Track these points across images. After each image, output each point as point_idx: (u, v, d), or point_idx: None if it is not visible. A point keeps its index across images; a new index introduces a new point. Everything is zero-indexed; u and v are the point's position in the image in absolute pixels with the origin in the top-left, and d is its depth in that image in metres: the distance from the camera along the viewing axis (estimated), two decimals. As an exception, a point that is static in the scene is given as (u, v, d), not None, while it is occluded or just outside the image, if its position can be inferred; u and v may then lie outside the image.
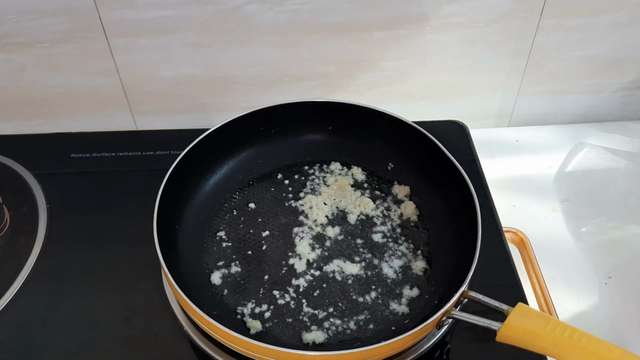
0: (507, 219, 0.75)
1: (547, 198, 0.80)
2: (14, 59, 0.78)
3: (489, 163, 0.81)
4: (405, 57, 0.82)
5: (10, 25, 0.74)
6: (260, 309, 0.61)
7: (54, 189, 0.74)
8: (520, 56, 0.84)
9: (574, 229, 0.76)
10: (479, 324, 0.53)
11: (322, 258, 0.65)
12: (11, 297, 0.63)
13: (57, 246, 0.68)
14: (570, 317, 0.66)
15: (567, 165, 0.84)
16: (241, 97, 0.85)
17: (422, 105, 0.89)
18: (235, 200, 0.71)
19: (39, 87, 0.82)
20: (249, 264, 0.65)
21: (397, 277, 0.64)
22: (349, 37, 0.79)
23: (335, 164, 0.75)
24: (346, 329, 0.59)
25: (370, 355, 0.53)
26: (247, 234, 0.68)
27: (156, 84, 0.83)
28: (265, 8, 0.75)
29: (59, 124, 0.86)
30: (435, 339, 0.59)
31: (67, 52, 0.78)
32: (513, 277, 0.65)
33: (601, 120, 0.92)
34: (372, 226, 0.69)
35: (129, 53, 0.79)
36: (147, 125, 0.88)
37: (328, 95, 0.86)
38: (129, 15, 0.74)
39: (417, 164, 0.72)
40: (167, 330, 0.61)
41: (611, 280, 0.70)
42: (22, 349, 0.59)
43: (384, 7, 0.76)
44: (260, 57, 0.81)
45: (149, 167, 0.77)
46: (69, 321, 0.61)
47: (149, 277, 0.64)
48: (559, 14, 0.79)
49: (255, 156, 0.75)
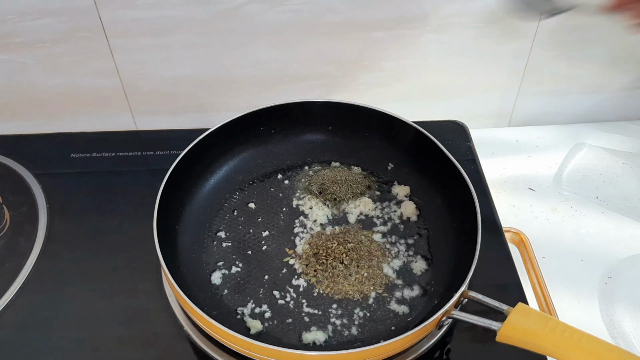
0: (507, 219, 0.75)
1: (547, 198, 0.80)
2: (14, 59, 0.78)
3: (489, 163, 0.81)
4: (405, 57, 0.82)
5: (10, 25, 0.74)
6: (260, 309, 0.61)
7: (54, 189, 0.74)
8: (520, 56, 0.84)
9: (574, 229, 0.76)
10: (479, 324, 0.53)
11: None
12: (11, 297, 0.63)
13: (57, 246, 0.68)
14: (570, 317, 0.66)
15: (567, 165, 0.84)
16: (241, 97, 0.85)
17: (422, 105, 0.89)
18: (236, 200, 0.71)
19: (39, 87, 0.82)
20: (249, 264, 0.65)
21: (397, 277, 0.64)
22: (349, 37, 0.79)
23: (335, 164, 0.75)
24: (346, 329, 0.59)
25: (370, 355, 0.53)
26: (247, 233, 0.68)
27: (156, 84, 0.83)
28: (265, 8, 0.75)
29: (59, 124, 0.86)
30: (435, 339, 0.59)
31: (67, 52, 0.78)
32: (513, 277, 0.65)
33: (601, 120, 0.92)
34: (372, 226, 0.69)
35: (129, 53, 0.78)
36: (147, 125, 0.88)
37: (328, 95, 0.86)
38: (129, 15, 0.74)
39: (417, 164, 0.72)
40: (167, 330, 0.61)
41: (611, 280, 0.70)
42: (22, 349, 0.59)
43: (384, 7, 0.76)
44: (260, 57, 0.81)
45: (149, 167, 0.77)
46: (69, 321, 0.61)
47: (149, 277, 0.64)
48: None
49: (255, 156, 0.75)
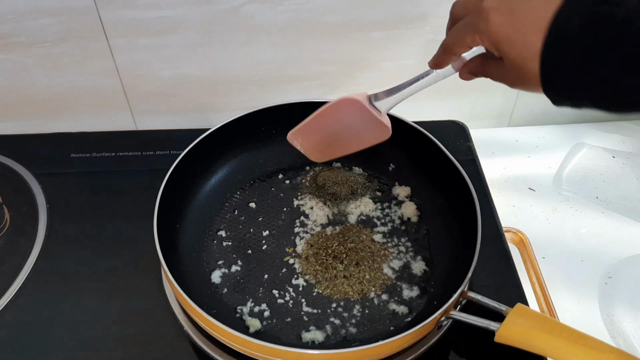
0: (507, 219, 0.75)
1: (547, 198, 0.80)
2: (14, 59, 0.78)
3: (489, 163, 0.81)
4: (405, 57, 0.82)
5: (10, 25, 0.74)
6: (260, 308, 0.61)
7: (54, 189, 0.74)
8: (520, 56, 0.84)
9: (574, 229, 0.76)
10: (477, 324, 0.53)
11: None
12: (11, 297, 0.63)
13: (57, 246, 0.68)
14: (570, 317, 0.66)
15: (567, 165, 0.84)
16: (241, 97, 0.85)
17: (422, 105, 0.88)
18: (236, 199, 0.71)
19: (39, 87, 0.82)
20: (249, 263, 0.65)
21: (396, 277, 0.64)
22: (349, 37, 0.79)
23: (336, 164, 0.75)
24: (345, 328, 0.59)
25: (369, 355, 0.53)
26: (248, 233, 0.68)
27: (156, 84, 0.83)
28: (265, 8, 0.75)
29: (59, 124, 0.86)
30: (435, 339, 0.58)
31: (67, 52, 0.78)
32: (513, 277, 0.65)
33: (601, 121, 0.92)
34: (372, 227, 0.69)
35: (129, 53, 0.79)
36: (147, 125, 0.88)
37: (328, 95, 0.86)
38: (129, 15, 0.74)
39: (418, 164, 0.72)
40: (167, 330, 0.61)
41: (611, 280, 0.70)
42: (22, 349, 0.59)
43: (384, 7, 0.76)
44: (260, 57, 0.81)
45: (149, 167, 0.77)
46: (69, 321, 0.61)
47: (149, 277, 0.64)
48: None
49: (256, 156, 0.75)
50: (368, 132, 0.58)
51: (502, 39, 0.41)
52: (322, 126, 0.59)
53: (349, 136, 0.59)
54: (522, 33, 0.40)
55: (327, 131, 0.59)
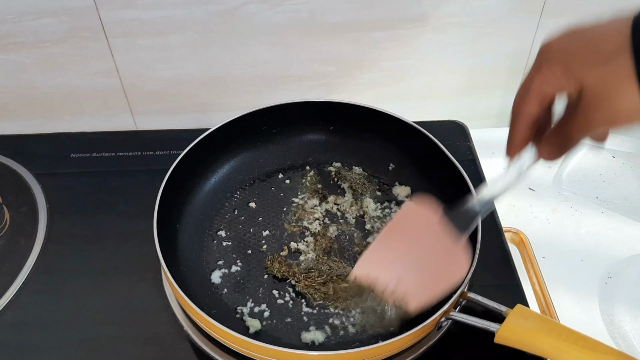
0: (507, 219, 0.75)
1: (547, 198, 0.80)
2: (14, 59, 0.78)
3: (489, 163, 0.81)
4: (405, 57, 0.82)
5: (10, 25, 0.74)
6: (260, 308, 0.61)
7: (54, 189, 0.74)
8: (520, 56, 0.84)
9: (573, 229, 0.76)
10: (477, 325, 0.53)
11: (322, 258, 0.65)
12: (11, 297, 0.63)
13: (57, 246, 0.68)
14: (570, 317, 0.66)
15: (567, 165, 0.84)
16: (241, 97, 0.85)
17: (422, 105, 0.89)
18: (236, 199, 0.71)
19: (39, 87, 0.82)
20: (249, 264, 0.65)
21: (396, 277, 0.64)
22: (349, 37, 0.79)
23: (336, 164, 0.75)
24: (345, 329, 0.59)
25: (369, 356, 0.53)
26: (248, 233, 0.68)
27: (156, 84, 0.83)
28: (265, 8, 0.75)
29: (59, 124, 0.86)
30: (434, 339, 0.58)
31: (67, 52, 0.78)
32: (513, 277, 0.65)
33: (601, 120, 0.92)
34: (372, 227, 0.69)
35: (129, 53, 0.79)
36: (147, 125, 0.88)
37: (328, 95, 0.86)
38: (129, 15, 0.74)
39: (418, 164, 0.72)
40: (167, 330, 0.61)
41: (611, 280, 0.70)
42: (22, 349, 0.59)
43: (384, 7, 0.76)
44: (260, 57, 0.81)
45: (149, 167, 0.77)
46: (69, 321, 0.61)
47: (149, 277, 0.64)
48: (559, 14, 0.79)
49: (256, 156, 0.75)
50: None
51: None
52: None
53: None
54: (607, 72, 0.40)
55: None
